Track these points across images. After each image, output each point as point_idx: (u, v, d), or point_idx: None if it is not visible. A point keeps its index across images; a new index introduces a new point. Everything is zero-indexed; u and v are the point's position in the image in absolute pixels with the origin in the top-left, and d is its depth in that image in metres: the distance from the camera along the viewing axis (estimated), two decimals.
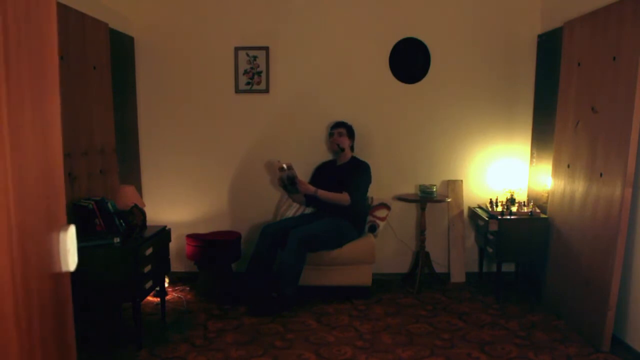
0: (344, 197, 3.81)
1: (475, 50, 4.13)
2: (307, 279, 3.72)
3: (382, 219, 4.04)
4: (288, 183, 3.78)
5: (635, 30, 2.75)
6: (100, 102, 3.40)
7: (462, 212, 4.24)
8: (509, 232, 3.65)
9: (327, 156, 4.21)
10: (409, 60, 4.15)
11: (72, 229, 1.17)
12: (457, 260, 4.26)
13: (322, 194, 3.79)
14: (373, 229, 3.99)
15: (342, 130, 4.00)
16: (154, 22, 4.09)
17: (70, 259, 1.16)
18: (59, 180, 1.17)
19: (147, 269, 2.99)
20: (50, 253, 1.11)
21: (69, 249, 1.16)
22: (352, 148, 4.06)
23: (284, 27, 4.11)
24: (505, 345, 3.04)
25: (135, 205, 3.20)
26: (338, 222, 3.77)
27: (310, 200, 3.95)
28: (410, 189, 4.25)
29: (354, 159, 4.05)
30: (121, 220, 3.05)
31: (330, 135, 4.05)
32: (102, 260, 2.80)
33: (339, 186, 3.86)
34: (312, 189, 3.79)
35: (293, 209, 4.10)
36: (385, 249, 4.25)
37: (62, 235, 1.15)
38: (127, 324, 3.34)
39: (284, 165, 3.75)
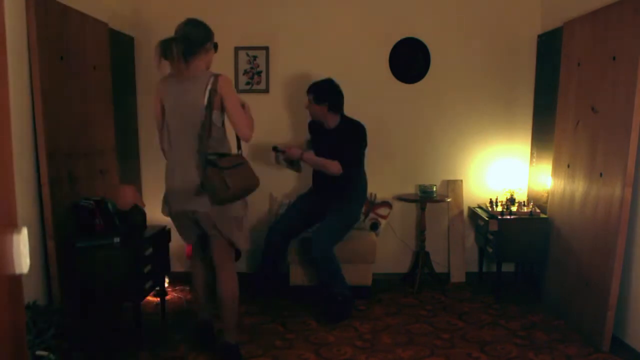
0: (333, 165, 3.39)
1: (475, 50, 4.13)
2: (307, 279, 3.72)
3: (384, 217, 4.04)
4: (288, 163, 3.63)
5: (635, 30, 2.75)
6: (100, 102, 3.40)
7: (462, 212, 4.24)
8: (508, 232, 3.65)
9: None
10: (409, 60, 4.15)
11: (24, 231, 1.17)
12: (457, 260, 4.26)
13: (308, 157, 3.45)
14: (375, 227, 3.98)
15: (310, 97, 3.51)
16: (154, 22, 4.08)
17: (23, 262, 1.16)
18: (10, 181, 1.14)
19: (147, 269, 2.99)
20: (4, 255, 1.10)
21: (22, 251, 1.15)
22: (337, 108, 3.54)
23: (284, 27, 4.11)
24: (505, 345, 3.04)
25: (135, 205, 3.20)
26: (344, 213, 3.56)
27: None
28: (410, 189, 4.25)
29: (343, 121, 3.59)
30: (121, 220, 3.05)
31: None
32: (102, 260, 2.80)
33: (330, 155, 3.46)
34: (297, 152, 3.45)
35: (284, 207, 4.01)
36: (386, 248, 4.24)
37: (15, 237, 1.14)
38: (127, 324, 3.34)
39: (279, 148, 3.55)
